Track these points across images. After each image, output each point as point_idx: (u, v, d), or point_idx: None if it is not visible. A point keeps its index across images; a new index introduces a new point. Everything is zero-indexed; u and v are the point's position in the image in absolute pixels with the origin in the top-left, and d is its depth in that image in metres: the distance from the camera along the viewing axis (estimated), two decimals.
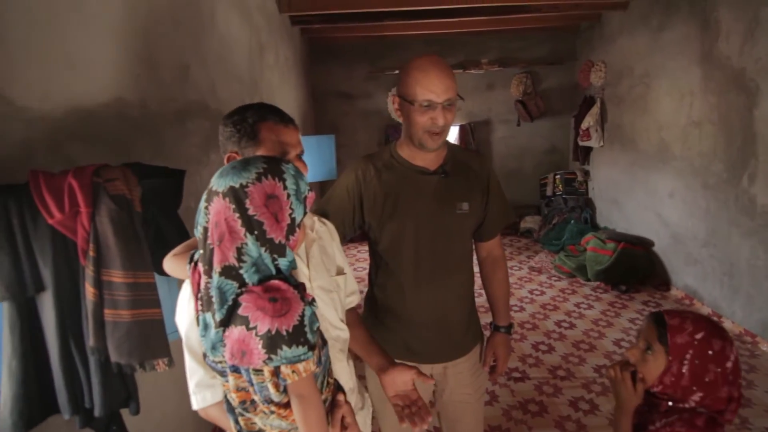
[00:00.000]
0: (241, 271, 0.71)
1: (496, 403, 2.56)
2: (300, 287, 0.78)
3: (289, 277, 0.76)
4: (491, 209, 1.39)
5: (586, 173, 5.73)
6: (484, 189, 1.36)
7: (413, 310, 1.33)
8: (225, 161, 0.94)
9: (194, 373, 0.87)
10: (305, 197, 0.79)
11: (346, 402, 0.88)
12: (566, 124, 6.02)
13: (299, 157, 0.98)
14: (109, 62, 1.59)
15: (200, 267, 0.76)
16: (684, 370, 0.93)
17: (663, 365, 0.96)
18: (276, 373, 0.71)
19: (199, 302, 0.76)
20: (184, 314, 0.87)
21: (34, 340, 1.05)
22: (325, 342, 0.86)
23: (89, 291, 1.06)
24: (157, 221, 1.26)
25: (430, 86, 1.14)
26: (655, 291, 4.09)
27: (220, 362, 0.75)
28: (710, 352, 0.92)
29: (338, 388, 0.91)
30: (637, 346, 1.02)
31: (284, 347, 0.68)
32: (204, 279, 0.74)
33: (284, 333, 0.68)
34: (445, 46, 5.88)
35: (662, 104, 4.02)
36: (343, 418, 0.86)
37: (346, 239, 1.41)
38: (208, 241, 0.73)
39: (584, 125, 5.21)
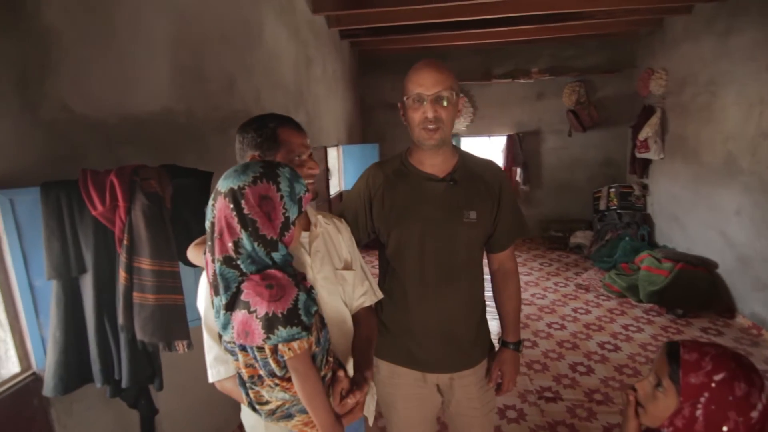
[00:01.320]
0: (239, 262, 0.82)
1: (523, 421, 2.46)
2: (298, 276, 0.88)
3: (286, 266, 0.86)
4: (502, 221, 1.37)
5: (644, 187, 5.36)
6: (494, 199, 1.34)
7: (417, 318, 1.34)
8: None
9: (211, 349, 0.99)
10: (300, 198, 0.88)
11: (346, 377, 0.96)
12: (623, 134, 5.68)
13: (310, 157, 1.10)
14: (160, 76, 1.79)
15: (208, 256, 0.86)
16: (698, 415, 0.80)
17: (674, 406, 0.83)
18: (275, 350, 0.81)
19: (212, 287, 0.86)
20: (202, 297, 0.99)
21: (76, 316, 1.21)
22: (324, 325, 0.95)
23: (122, 275, 1.21)
24: (184, 217, 1.39)
25: (420, 80, 1.18)
26: (717, 318, 3.71)
27: (230, 342, 0.85)
28: (731, 398, 0.78)
29: (340, 365, 1.00)
30: (647, 380, 0.91)
31: (280, 327, 0.78)
32: (211, 267, 0.85)
33: (279, 315, 0.78)
34: (493, 55, 5.82)
35: (729, 114, 3.69)
36: (342, 390, 0.94)
37: (361, 244, 1.46)
38: (214, 234, 0.83)
39: (642, 136, 4.89)
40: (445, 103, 1.20)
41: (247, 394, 0.92)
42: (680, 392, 0.82)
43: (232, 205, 0.81)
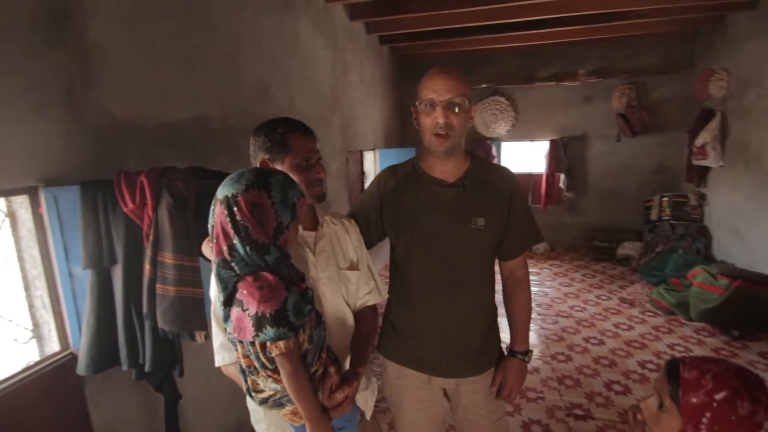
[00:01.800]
0: (233, 264, 0.89)
1: None
2: (293, 277, 0.94)
3: (280, 267, 0.92)
4: (513, 228, 1.35)
5: (701, 197, 4.96)
6: (504, 206, 1.32)
7: (423, 320, 1.34)
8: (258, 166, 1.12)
9: (218, 336, 1.07)
10: (293, 203, 0.94)
11: (336, 372, 1.00)
12: (678, 140, 5.30)
13: (318, 160, 1.15)
14: (197, 85, 1.92)
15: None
16: None
17: (677, 427, 0.80)
18: (264, 346, 0.88)
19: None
20: (213, 288, 1.06)
21: (107, 303, 1.33)
22: (320, 323, 1.00)
23: (147, 267, 1.31)
24: (207, 216, 1.48)
25: (433, 86, 1.19)
26: None
27: (231, 333, 0.92)
28: (733, 418, 0.74)
29: (335, 362, 1.05)
30: (650, 399, 0.88)
31: (268, 327, 0.83)
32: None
33: (268, 315, 0.83)
34: (538, 57, 5.65)
35: None
36: (332, 385, 0.98)
37: (372, 245, 1.49)
38: (213, 237, 0.91)
39: (699, 142, 4.54)
40: (456, 110, 1.21)
41: (246, 381, 0.98)
42: (681, 412, 0.78)
43: (226, 212, 0.87)
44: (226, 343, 1.05)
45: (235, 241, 0.87)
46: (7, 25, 1.14)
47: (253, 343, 0.88)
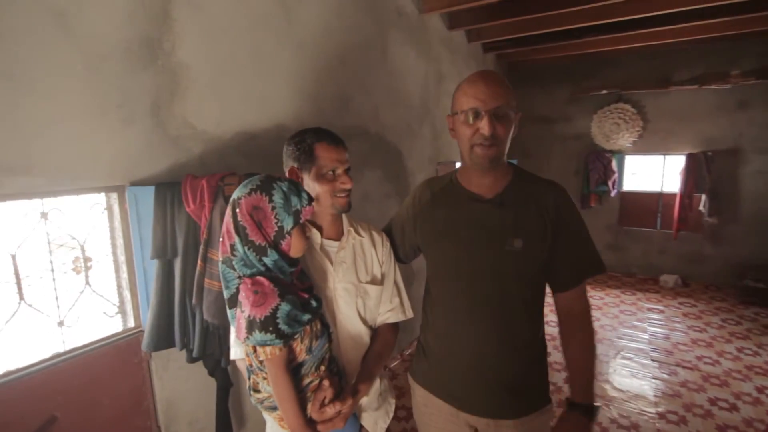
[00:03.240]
0: (234, 263, 0.94)
1: None
2: (293, 287, 0.96)
3: (282, 271, 0.95)
4: (562, 253, 1.15)
5: None
6: (550, 227, 1.14)
7: (451, 347, 1.23)
8: (287, 174, 1.16)
9: (233, 332, 1.12)
10: (296, 210, 0.95)
11: (331, 387, 0.99)
12: None
13: (345, 171, 1.14)
14: (276, 98, 2.08)
15: None
16: None
17: None
18: (255, 349, 0.92)
19: None
20: None
21: (168, 290, 1.51)
22: (324, 334, 1.01)
23: (199, 263, 1.45)
24: None
25: (477, 94, 1.09)
26: None
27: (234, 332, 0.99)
28: None
29: (338, 376, 1.05)
30: None
31: (256, 331, 0.87)
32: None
33: (257, 320, 0.87)
34: (674, 57, 4.82)
35: None
36: (325, 398, 0.98)
37: (408, 260, 1.43)
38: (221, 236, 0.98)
39: None
40: (503, 120, 1.10)
41: (249, 379, 1.03)
42: None
43: (231, 213, 0.93)
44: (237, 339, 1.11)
45: (236, 240, 0.91)
46: (107, 51, 1.39)
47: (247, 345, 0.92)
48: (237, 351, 1.12)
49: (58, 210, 1.42)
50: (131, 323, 1.60)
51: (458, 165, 1.32)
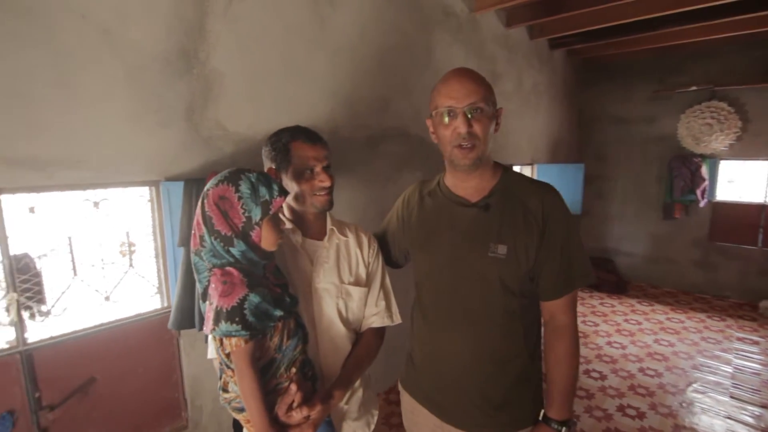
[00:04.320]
0: (203, 254, 0.94)
1: None
2: (265, 280, 0.95)
3: (251, 262, 0.94)
4: (549, 261, 1.08)
5: None
6: (538, 233, 1.07)
7: (433, 356, 1.20)
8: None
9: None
10: (265, 200, 0.94)
11: (298, 391, 0.96)
12: None
13: (324, 169, 1.12)
14: (308, 101, 2.18)
15: None
16: None
17: None
18: (222, 342, 0.91)
19: None
20: None
21: (190, 276, 1.67)
22: (297, 334, 0.99)
23: None
24: None
25: (450, 92, 1.05)
26: None
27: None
28: None
29: (311, 380, 1.03)
30: None
31: (222, 322, 0.86)
32: None
33: (224, 310, 0.86)
34: None
35: None
36: (294, 402, 0.96)
37: (399, 265, 1.41)
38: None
39: None
40: (479, 117, 1.05)
41: (220, 379, 1.01)
42: None
43: (200, 205, 0.94)
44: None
45: (204, 231, 0.91)
46: (147, 62, 1.58)
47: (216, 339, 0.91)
48: (212, 349, 1.08)
49: (107, 200, 1.65)
50: (165, 303, 1.79)
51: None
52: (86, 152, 1.47)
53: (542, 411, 1.15)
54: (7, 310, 1.40)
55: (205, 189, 0.94)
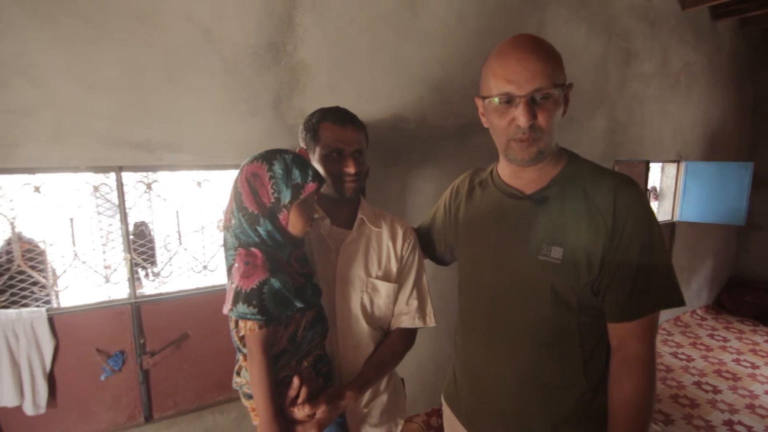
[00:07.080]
0: (232, 230, 0.92)
1: None
2: (290, 267, 0.92)
3: (279, 248, 0.91)
4: (620, 272, 0.85)
5: None
6: (606, 235, 0.85)
7: (474, 373, 1.07)
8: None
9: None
10: (297, 183, 0.91)
11: (301, 385, 0.92)
12: None
13: (352, 154, 1.05)
14: (393, 89, 2.15)
15: None
16: None
17: None
18: (237, 324, 0.90)
19: None
20: None
21: None
22: (315, 327, 0.96)
23: None
24: None
25: (508, 74, 0.84)
26: None
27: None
28: None
29: (324, 376, 0.98)
30: None
31: (240, 303, 0.83)
32: None
33: (243, 292, 0.84)
34: None
35: None
36: (300, 397, 0.91)
37: (445, 261, 1.30)
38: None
39: None
40: (546, 105, 0.84)
41: (237, 361, 0.99)
42: None
43: (234, 180, 0.94)
44: None
45: (234, 207, 0.90)
46: (239, 56, 1.73)
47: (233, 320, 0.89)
48: None
49: (208, 181, 1.87)
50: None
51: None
52: (187, 138, 1.68)
53: None
54: (124, 268, 1.69)
55: (241, 165, 0.93)
